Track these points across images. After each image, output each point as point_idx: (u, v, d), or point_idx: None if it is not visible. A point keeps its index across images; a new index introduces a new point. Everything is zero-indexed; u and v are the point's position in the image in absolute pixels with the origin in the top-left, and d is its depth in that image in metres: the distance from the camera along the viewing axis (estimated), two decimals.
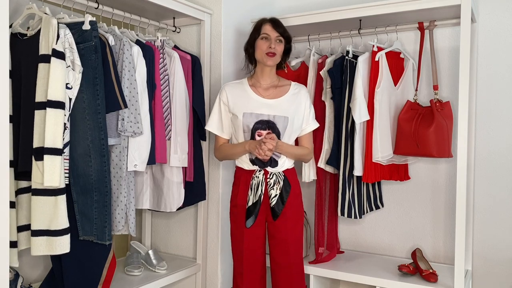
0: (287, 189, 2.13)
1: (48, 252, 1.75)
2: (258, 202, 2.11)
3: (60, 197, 1.74)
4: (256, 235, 2.15)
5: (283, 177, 2.13)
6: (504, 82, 2.43)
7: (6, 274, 1.52)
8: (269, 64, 2.13)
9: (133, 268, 2.42)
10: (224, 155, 2.23)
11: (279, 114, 2.10)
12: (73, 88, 1.81)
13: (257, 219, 2.13)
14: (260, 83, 2.19)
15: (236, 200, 2.18)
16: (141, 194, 2.36)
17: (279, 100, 2.15)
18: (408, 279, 2.30)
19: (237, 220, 2.18)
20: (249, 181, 2.13)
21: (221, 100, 2.19)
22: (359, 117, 2.32)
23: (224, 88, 2.21)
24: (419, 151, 2.32)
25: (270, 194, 2.11)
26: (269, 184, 2.11)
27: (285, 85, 2.21)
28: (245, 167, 2.16)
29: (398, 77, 2.49)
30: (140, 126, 2.05)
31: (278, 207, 2.11)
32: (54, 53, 1.73)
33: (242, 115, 2.10)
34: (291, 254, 2.15)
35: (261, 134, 2.10)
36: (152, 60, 2.21)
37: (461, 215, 2.13)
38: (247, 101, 2.14)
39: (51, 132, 1.70)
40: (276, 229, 2.14)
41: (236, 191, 2.19)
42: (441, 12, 2.30)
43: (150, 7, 2.34)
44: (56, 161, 1.71)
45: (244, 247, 2.14)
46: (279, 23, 2.15)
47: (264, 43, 2.11)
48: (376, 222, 2.77)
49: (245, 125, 2.10)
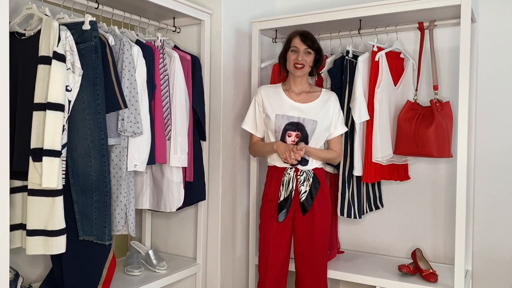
0: (316, 186, 2.24)
1: (44, 252, 1.75)
2: (290, 197, 2.22)
3: (58, 198, 1.74)
4: (284, 229, 2.25)
5: (312, 174, 2.24)
6: (504, 82, 2.43)
7: (6, 274, 1.52)
8: (298, 75, 2.26)
9: (133, 268, 2.41)
10: (256, 152, 2.40)
11: (308, 118, 2.22)
12: (73, 90, 1.81)
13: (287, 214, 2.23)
14: (292, 89, 2.32)
15: (268, 196, 2.29)
16: (141, 194, 2.36)
17: (309, 105, 2.27)
18: (408, 279, 2.30)
19: (267, 215, 2.28)
20: (281, 178, 2.25)
21: (256, 101, 2.35)
22: (359, 117, 2.32)
23: (259, 91, 2.36)
24: (419, 151, 2.33)
25: (300, 190, 2.22)
26: (300, 180, 2.22)
27: (316, 91, 2.33)
28: (277, 164, 2.28)
29: (398, 77, 2.49)
30: (140, 126, 2.05)
31: (307, 203, 2.22)
32: (55, 56, 1.73)
33: (275, 116, 2.24)
34: (316, 249, 2.24)
35: (291, 134, 2.23)
36: (152, 60, 2.21)
37: (461, 215, 2.13)
38: (279, 103, 2.28)
39: (50, 134, 1.70)
40: (304, 224, 2.24)
41: (269, 187, 2.31)
42: (441, 12, 2.30)
43: (150, 7, 2.34)
44: (55, 162, 1.71)
45: (271, 240, 2.25)
46: (308, 36, 2.25)
47: (292, 55, 2.25)
48: (376, 222, 2.77)
49: (277, 126, 2.24)
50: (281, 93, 2.31)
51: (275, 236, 2.25)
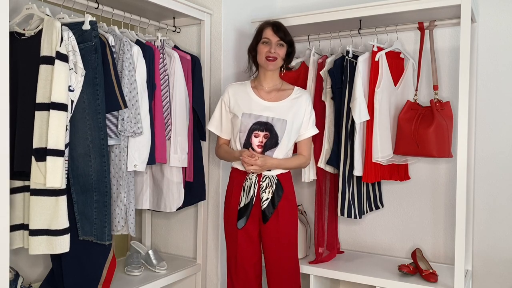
0: (279, 193, 2.12)
1: (48, 251, 1.75)
2: (250, 204, 2.11)
3: (61, 197, 1.75)
4: (250, 236, 2.15)
5: (276, 181, 2.12)
6: (504, 82, 2.43)
7: (6, 274, 1.52)
8: (270, 69, 2.14)
9: (133, 268, 2.42)
10: (221, 156, 2.26)
11: (278, 117, 2.10)
12: (75, 90, 1.81)
13: (251, 220, 2.13)
14: (262, 85, 2.20)
15: (230, 201, 2.18)
16: (141, 194, 2.36)
17: (279, 103, 2.15)
18: (408, 279, 2.30)
19: (229, 221, 2.19)
20: (242, 183, 2.14)
21: (223, 100, 2.22)
22: (359, 117, 2.32)
23: (227, 89, 2.24)
24: (419, 151, 2.32)
25: (262, 197, 2.11)
26: (262, 187, 2.11)
27: (287, 89, 2.22)
28: (240, 167, 2.16)
29: (398, 77, 2.49)
30: (140, 126, 2.05)
31: (268, 211, 2.10)
32: (58, 56, 1.74)
33: (241, 115, 2.12)
34: (284, 256, 2.15)
35: (258, 135, 2.10)
36: (152, 60, 2.21)
37: (461, 215, 2.13)
38: (247, 102, 2.15)
39: (54, 134, 1.70)
40: (268, 232, 2.14)
41: (230, 192, 2.20)
42: (441, 12, 2.30)
43: (150, 7, 2.34)
44: (59, 162, 1.71)
45: (238, 247, 2.15)
46: (280, 27, 2.15)
47: (264, 48, 2.13)
48: (376, 222, 2.77)
49: (243, 125, 2.11)
50: (249, 91, 2.18)
51: (242, 245, 2.13)
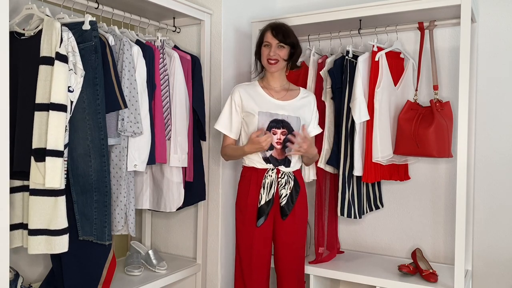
0: (297, 189, 2.18)
1: (47, 251, 1.75)
2: (271, 201, 2.14)
3: (60, 197, 1.75)
4: (265, 235, 2.17)
5: (293, 177, 2.18)
6: (504, 82, 2.43)
7: (6, 274, 1.52)
8: (272, 71, 2.19)
9: (133, 268, 2.42)
10: (228, 156, 2.26)
11: (292, 115, 2.17)
12: (75, 91, 1.81)
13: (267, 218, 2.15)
14: (271, 85, 2.24)
15: (247, 200, 2.17)
16: (141, 194, 2.36)
17: (290, 102, 2.21)
18: (408, 279, 2.30)
19: (246, 220, 2.18)
20: (261, 180, 2.15)
21: (233, 100, 2.22)
22: (359, 117, 2.32)
23: (236, 89, 2.24)
24: (419, 151, 2.33)
25: (281, 193, 2.15)
26: (280, 183, 2.15)
27: (294, 89, 2.29)
28: (257, 166, 2.17)
29: (398, 77, 2.49)
30: (140, 126, 2.05)
31: (288, 207, 2.15)
32: (58, 57, 1.74)
33: (258, 113, 2.14)
34: (296, 253, 2.20)
35: (276, 132, 2.14)
36: (152, 60, 2.21)
37: (461, 215, 2.13)
38: (261, 101, 2.19)
39: (53, 134, 1.71)
40: (285, 228, 2.18)
41: (247, 191, 2.18)
42: (441, 12, 2.30)
43: (150, 7, 2.34)
44: (58, 162, 1.71)
45: (254, 247, 2.16)
46: (280, 29, 2.16)
47: (265, 50, 2.18)
48: (376, 222, 2.77)
49: (260, 123, 2.14)
50: (260, 90, 2.22)
51: (258, 244, 2.15)
